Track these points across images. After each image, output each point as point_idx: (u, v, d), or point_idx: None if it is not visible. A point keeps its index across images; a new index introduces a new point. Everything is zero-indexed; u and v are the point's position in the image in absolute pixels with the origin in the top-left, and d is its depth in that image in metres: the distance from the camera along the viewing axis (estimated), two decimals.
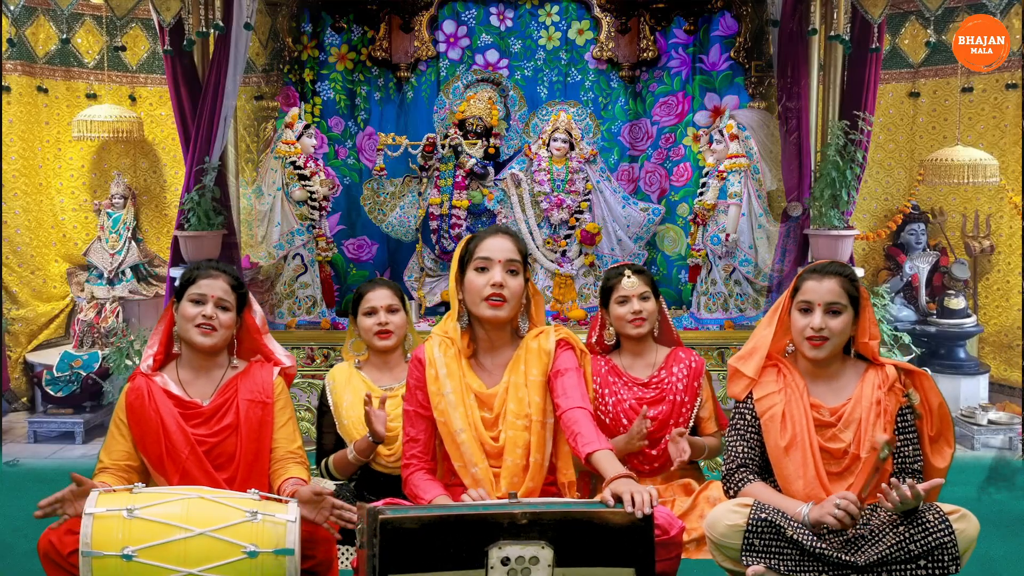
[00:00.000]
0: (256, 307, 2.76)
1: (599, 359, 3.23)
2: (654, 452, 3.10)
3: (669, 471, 3.11)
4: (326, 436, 3.14)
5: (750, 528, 2.35)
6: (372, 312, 3.13)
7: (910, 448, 2.50)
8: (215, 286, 2.61)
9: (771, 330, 2.61)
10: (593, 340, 3.29)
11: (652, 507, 2.05)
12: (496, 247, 2.48)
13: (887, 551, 2.29)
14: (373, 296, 3.14)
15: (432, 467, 2.56)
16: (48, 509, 2.24)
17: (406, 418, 2.58)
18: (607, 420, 3.11)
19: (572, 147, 5.28)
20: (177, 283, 2.69)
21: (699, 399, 3.14)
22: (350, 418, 3.06)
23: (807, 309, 2.53)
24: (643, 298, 3.15)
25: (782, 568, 2.33)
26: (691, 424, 3.13)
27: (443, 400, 2.49)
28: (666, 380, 3.14)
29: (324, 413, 3.15)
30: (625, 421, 3.07)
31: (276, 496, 2.36)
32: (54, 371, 5.07)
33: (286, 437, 2.65)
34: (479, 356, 2.57)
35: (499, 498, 2.36)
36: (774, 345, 2.62)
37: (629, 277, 3.16)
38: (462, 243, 2.58)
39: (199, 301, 2.59)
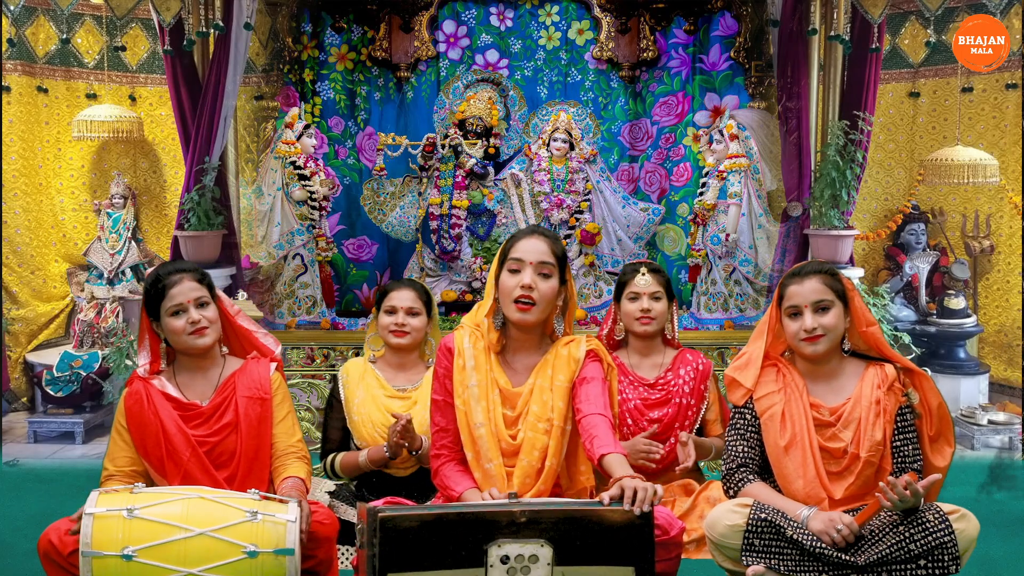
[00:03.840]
0: (219, 292, 2.74)
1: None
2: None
3: (671, 473, 3.11)
4: (333, 429, 3.12)
5: (750, 528, 2.35)
6: (392, 311, 3.13)
7: (909, 447, 2.50)
8: (186, 290, 2.56)
9: (762, 342, 2.62)
10: (603, 333, 3.29)
11: (652, 505, 2.05)
12: (529, 248, 2.47)
13: (887, 551, 2.29)
14: (396, 295, 3.14)
15: (462, 457, 2.54)
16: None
17: (434, 407, 2.58)
18: None
19: (572, 147, 5.28)
20: (144, 299, 2.60)
21: (705, 402, 3.14)
22: (360, 415, 3.05)
23: (796, 313, 2.54)
24: (654, 298, 3.14)
25: (782, 568, 2.34)
26: (697, 426, 3.13)
27: (467, 391, 2.49)
28: (672, 382, 3.13)
29: (333, 406, 3.14)
30: (630, 421, 3.07)
31: (276, 496, 2.36)
32: (54, 371, 5.07)
33: (285, 431, 2.65)
34: (508, 354, 2.57)
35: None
36: (768, 354, 2.63)
37: (644, 275, 3.15)
38: (505, 242, 2.57)
39: (179, 311, 2.56)
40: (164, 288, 2.56)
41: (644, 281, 3.14)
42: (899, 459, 2.49)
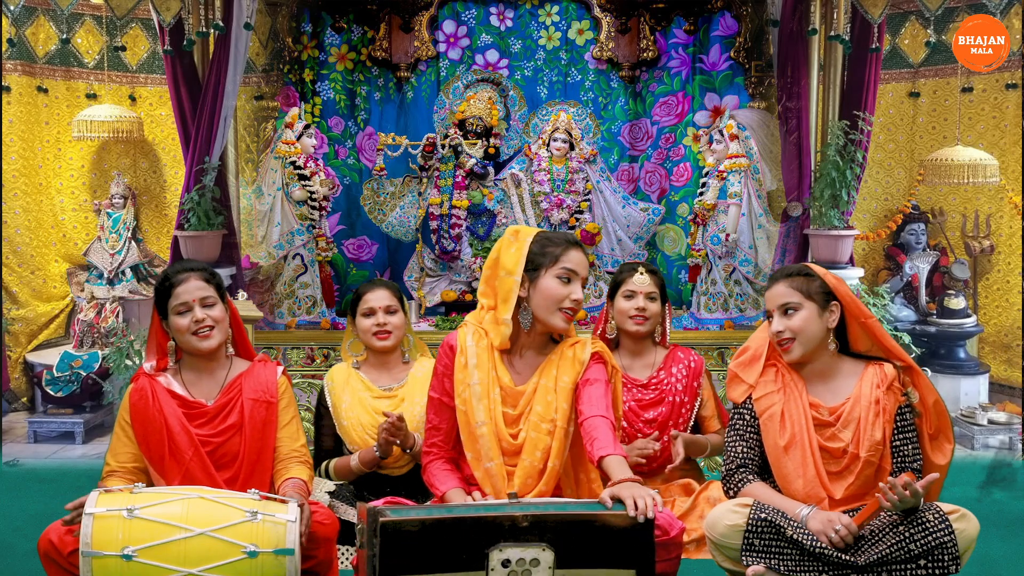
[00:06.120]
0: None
1: None
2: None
3: (668, 472, 3.11)
4: (324, 438, 3.13)
5: (750, 528, 2.35)
6: (370, 313, 3.12)
7: (909, 447, 2.50)
8: (191, 289, 2.56)
9: (765, 337, 2.63)
10: (596, 333, 3.28)
11: (654, 511, 2.05)
12: (581, 262, 2.49)
13: (887, 551, 2.29)
14: (372, 297, 3.13)
15: (452, 456, 2.55)
16: (74, 513, 2.24)
17: (430, 405, 2.58)
18: None
19: (572, 147, 5.28)
20: (154, 298, 2.64)
21: (699, 399, 3.14)
22: (349, 419, 3.05)
23: (770, 317, 2.57)
24: (650, 298, 3.15)
25: (782, 568, 2.34)
26: (692, 423, 3.13)
27: (468, 390, 2.48)
28: (665, 381, 3.13)
29: (322, 415, 3.15)
30: (625, 423, 3.07)
31: (276, 496, 2.36)
32: (54, 371, 5.07)
33: (289, 436, 2.65)
34: (512, 353, 2.56)
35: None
36: (768, 354, 2.64)
37: (641, 274, 3.16)
38: (531, 239, 2.51)
39: (185, 311, 2.56)
40: (171, 286, 2.57)
41: (641, 280, 3.15)
42: (899, 459, 2.49)
